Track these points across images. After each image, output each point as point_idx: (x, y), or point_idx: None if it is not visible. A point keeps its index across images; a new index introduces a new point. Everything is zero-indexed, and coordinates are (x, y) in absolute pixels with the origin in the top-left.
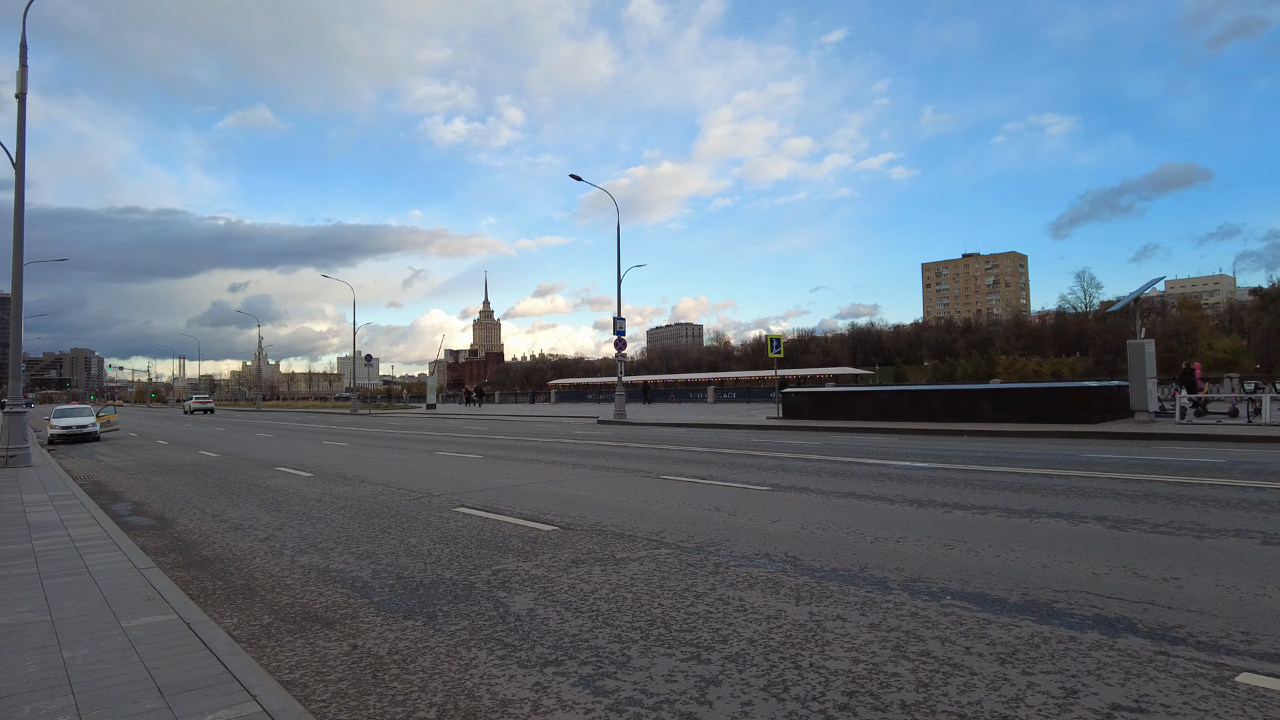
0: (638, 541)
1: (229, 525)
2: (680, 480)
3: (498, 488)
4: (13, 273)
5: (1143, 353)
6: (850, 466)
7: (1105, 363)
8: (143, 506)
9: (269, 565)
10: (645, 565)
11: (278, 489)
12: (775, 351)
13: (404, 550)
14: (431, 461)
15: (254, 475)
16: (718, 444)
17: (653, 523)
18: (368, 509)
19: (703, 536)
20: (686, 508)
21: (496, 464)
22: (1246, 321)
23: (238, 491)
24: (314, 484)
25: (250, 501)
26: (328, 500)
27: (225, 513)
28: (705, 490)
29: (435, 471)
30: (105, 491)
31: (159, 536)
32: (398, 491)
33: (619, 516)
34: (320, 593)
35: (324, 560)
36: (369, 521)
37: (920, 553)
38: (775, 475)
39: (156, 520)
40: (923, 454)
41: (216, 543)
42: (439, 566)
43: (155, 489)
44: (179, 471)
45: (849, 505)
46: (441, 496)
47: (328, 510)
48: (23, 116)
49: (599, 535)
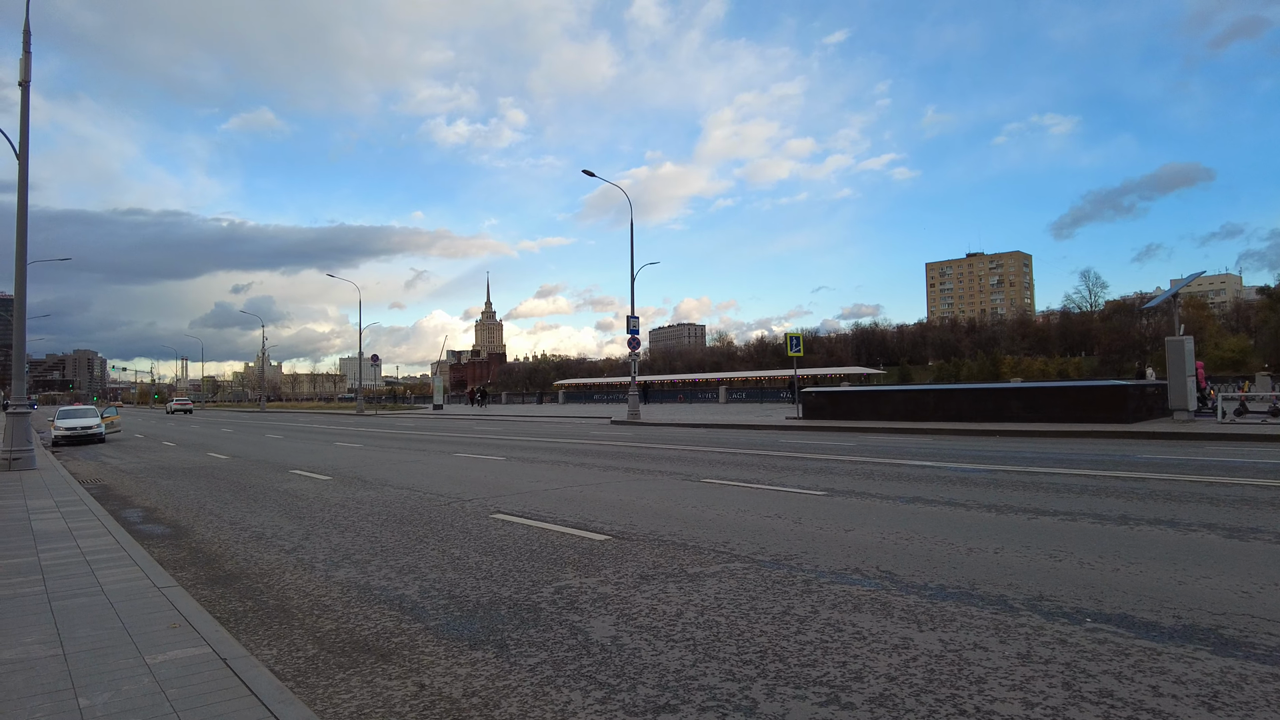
0: (705, 554)
1: (250, 534)
2: (725, 484)
3: (531, 492)
4: (16, 267)
5: (1182, 350)
6: (900, 469)
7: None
8: (155, 513)
9: (302, 581)
10: (725, 582)
11: (296, 493)
12: (795, 350)
13: (449, 564)
14: (453, 464)
15: (269, 478)
16: (745, 445)
17: (714, 532)
18: (398, 516)
19: (776, 548)
20: (744, 514)
21: (522, 466)
22: (1253, 321)
23: (254, 496)
24: (334, 488)
25: (269, 507)
26: (352, 506)
27: (244, 520)
28: (757, 495)
29: (460, 474)
30: (113, 496)
31: (175, 547)
32: (425, 496)
33: (674, 524)
34: (366, 616)
35: (362, 575)
36: (402, 530)
37: (1026, 565)
38: (825, 479)
39: (171, 529)
40: (969, 455)
41: (239, 555)
42: (493, 583)
43: (166, 493)
44: (189, 474)
45: (921, 512)
46: (474, 502)
47: (355, 517)
48: (26, 105)
49: (659, 546)
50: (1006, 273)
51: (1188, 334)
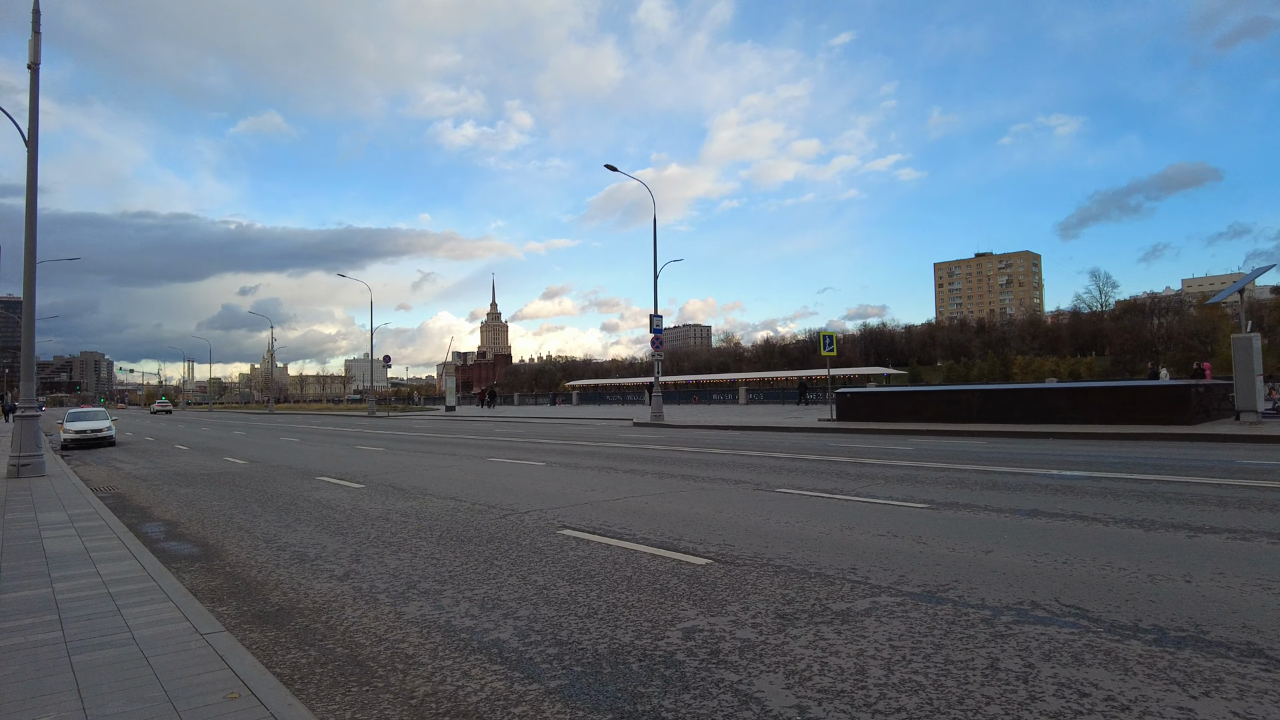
0: (836, 583)
1: (291, 555)
2: (806, 495)
3: (590, 503)
4: (25, 262)
5: (1249, 348)
6: (992, 477)
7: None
8: (178, 528)
9: (369, 620)
10: (888, 623)
11: (330, 504)
12: (829, 350)
13: (536, 595)
14: (490, 470)
15: (295, 487)
16: (793, 449)
17: (830, 554)
18: (454, 532)
19: (919, 576)
20: (851, 533)
21: (567, 473)
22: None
23: (284, 508)
24: (370, 497)
25: (304, 521)
26: (396, 519)
27: (279, 536)
28: (849, 509)
29: (502, 482)
30: (130, 507)
31: (208, 572)
32: (475, 508)
33: (778, 545)
34: (465, 672)
35: (438, 611)
36: (464, 549)
37: (1241, 600)
38: (914, 488)
39: (199, 547)
40: (1051, 460)
41: (284, 582)
42: (600, 622)
43: (187, 504)
44: (208, 482)
45: (1054, 528)
46: (532, 514)
47: (404, 533)
48: (35, 89)
49: (776, 573)
50: (1015, 272)
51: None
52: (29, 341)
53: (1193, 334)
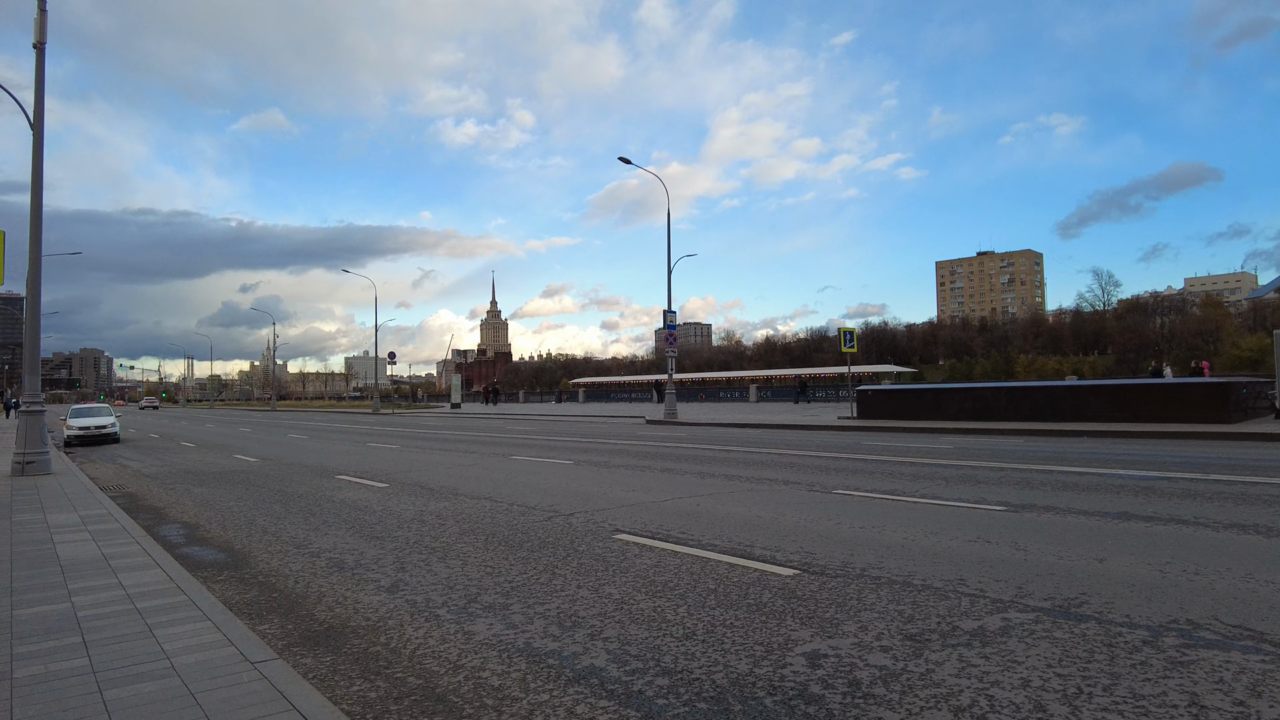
0: (948, 596)
1: (327, 562)
2: (868, 497)
3: (638, 504)
4: (30, 250)
5: None
6: (1055, 476)
7: (1127, 361)
8: (198, 531)
9: (434, 641)
10: (1038, 647)
11: (357, 505)
12: (849, 346)
13: (617, 610)
14: (517, 469)
15: (316, 486)
16: (826, 447)
17: (925, 563)
18: (501, 536)
19: (1039, 588)
20: (936, 538)
21: (599, 472)
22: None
23: (309, 509)
24: (398, 498)
25: (333, 523)
26: (433, 522)
27: (310, 541)
28: (921, 511)
29: (535, 481)
30: (144, 507)
31: (240, 583)
32: (515, 509)
33: (863, 552)
34: (568, 708)
35: (511, 630)
36: (518, 556)
37: None
38: (982, 489)
39: (225, 553)
40: (1108, 459)
41: (327, 594)
42: (704, 645)
43: (204, 504)
44: (222, 480)
45: (1162, 535)
46: (578, 517)
47: (446, 537)
48: (41, 69)
49: (875, 585)
50: (1018, 271)
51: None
52: (33, 334)
53: (1196, 333)
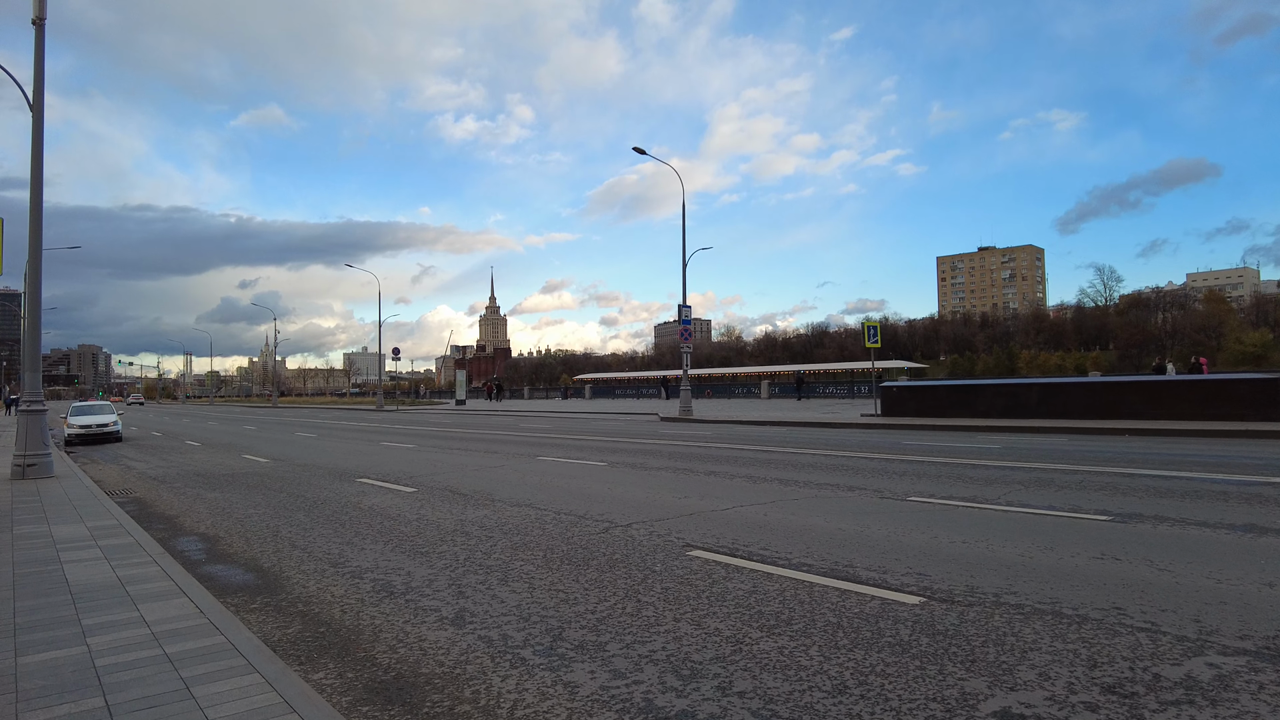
0: (1118, 631)
1: (373, 584)
2: (945, 504)
3: (696, 513)
4: (30, 241)
5: None
6: (1139, 481)
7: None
8: (219, 545)
9: (532, 697)
10: None
11: (388, 513)
12: (873, 341)
13: (735, 653)
14: (548, 471)
15: (338, 491)
16: (868, 447)
17: (1063, 586)
18: (559, 551)
19: (1220, 621)
20: (1053, 554)
21: (639, 475)
22: (1274, 315)
23: (336, 518)
24: (430, 505)
25: (367, 536)
26: (477, 534)
27: (346, 557)
28: (1015, 522)
29: (573, 486)
30: (156, 516)
31: (279, 612)
32: (564, 519)
33: (984, 574)
34: None
35: (618, 680)
36: (588, 578)
37: None
38: (1068, 496)
39: (252, 572)
40: (1181, 460)
41: (383, 628)
42: (866, 703)
43: (220, 512)
44: (235, 484)
45: None
46: (638, 528)
47: (498, 553)
48: (41, 46)
49: (1022, 616)
50: (1019, 267)
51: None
52: (34, 330)
53: (1199, 328)
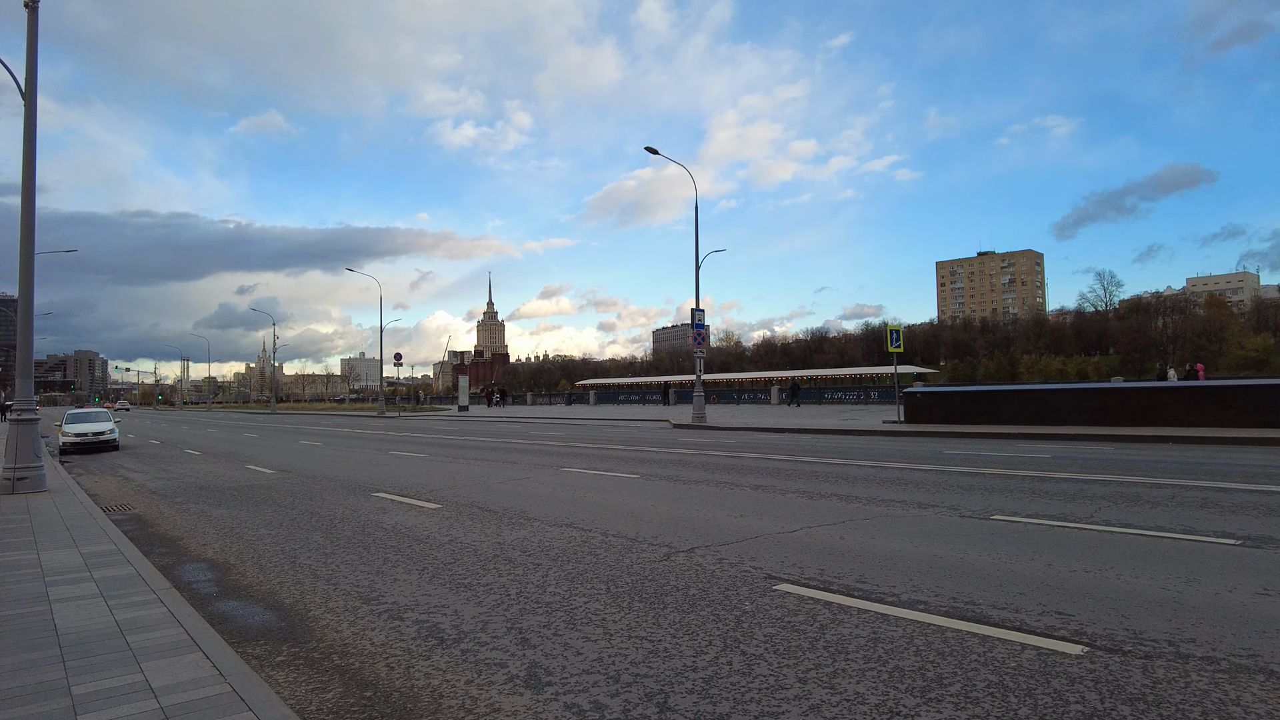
0: None
1: (416, 627)
2: (1035, 524)
3: (763, 536)
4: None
5: None
6: (1235, 497)
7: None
8: (231, 573)
9: None
10: None
11: (415, 534)
12: (895, 345)
13: None
14: (579, 485)
15: (354, 507)
16: (909, 457)
17: (1248, 633)
18: (623, 584)
19: None
20: (1198, 588)
21: (679, 489)
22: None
23: (359, 540)
24: (460, 524)
25: (397, 562)
26: (521, 560)
27: (380, 591)
28: (1132, 546)
29: (610, 501)
30: (157, 537)
31: (311, 667)
32: (614, 542)
33: (1136, 612)
34: None
35: None
36: (669, 619)
37: None
38: (1170, 514)
39: (274, 611)
40: (1257, 473)
41: (443, 691)
42: None
43: (228, 533)
44: (242, 498)
45: None
46: (703, 554)
47: (551, 584)
48: (34, 30)
49: (1225, 672)
50: (1018, 271)
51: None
52: (26, 334)
53: (1201, 333)
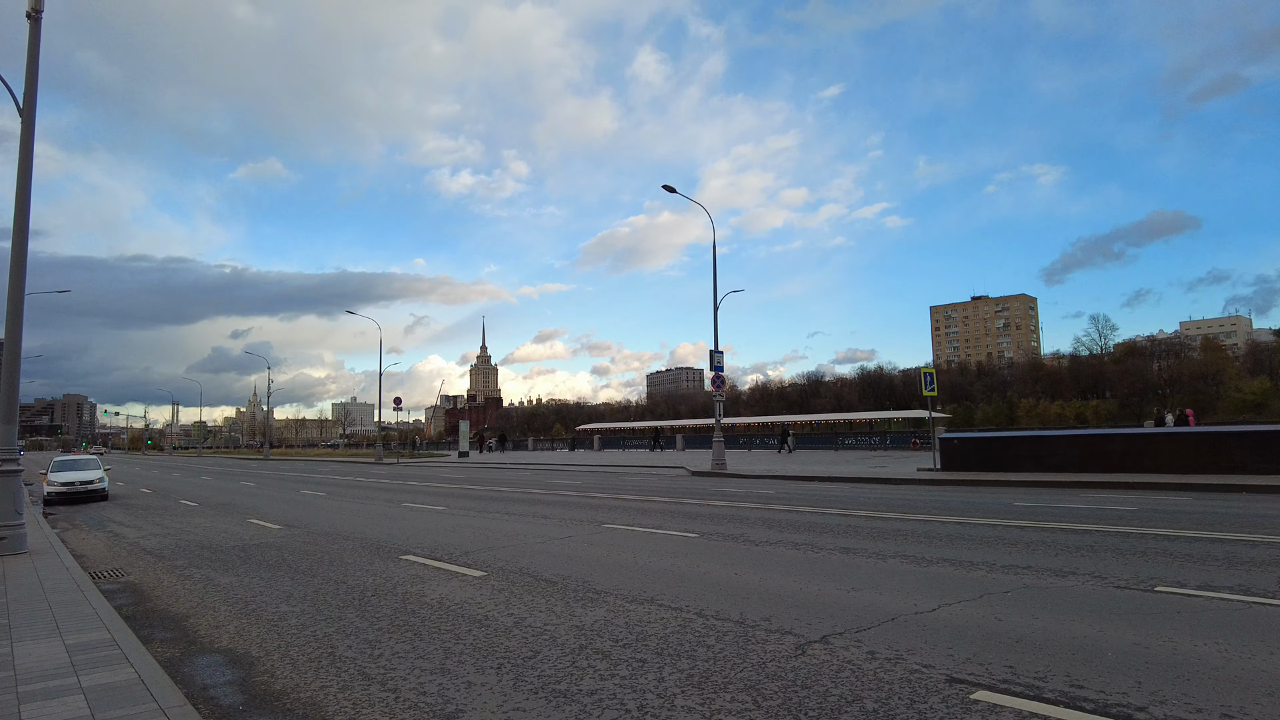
0: None
1: None
2: (1218, 599)
3: (900, 617)
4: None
5: None
6: None
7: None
8: (256, 671)
9: None
10: None
11: (470, 613)
12: (930, 389)
13: None
14: (633, 545)
15: (383, 573)
16: (976, 510)
17: None
18: (771, 695)
19: None
20: None
21: (756, 552)
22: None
23: (403, 621)
24: (519, 600)
25: (466, 658)
26: (619, 655)
27: (457, 703)
28: None
29: (684, 568)
30: (159, 615)
31: None
32: (718, 627)
33: None
34: None
35: None
36: None
37: None
38: None
39: None
40: None
41: None
42: None
43: (244, 609)
44: (251, 562)
45: None
46: (843, 643)
47: (684, 698)
48: (35, 44)
49: None
50: (1013, 316)
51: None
52: (12, 374)
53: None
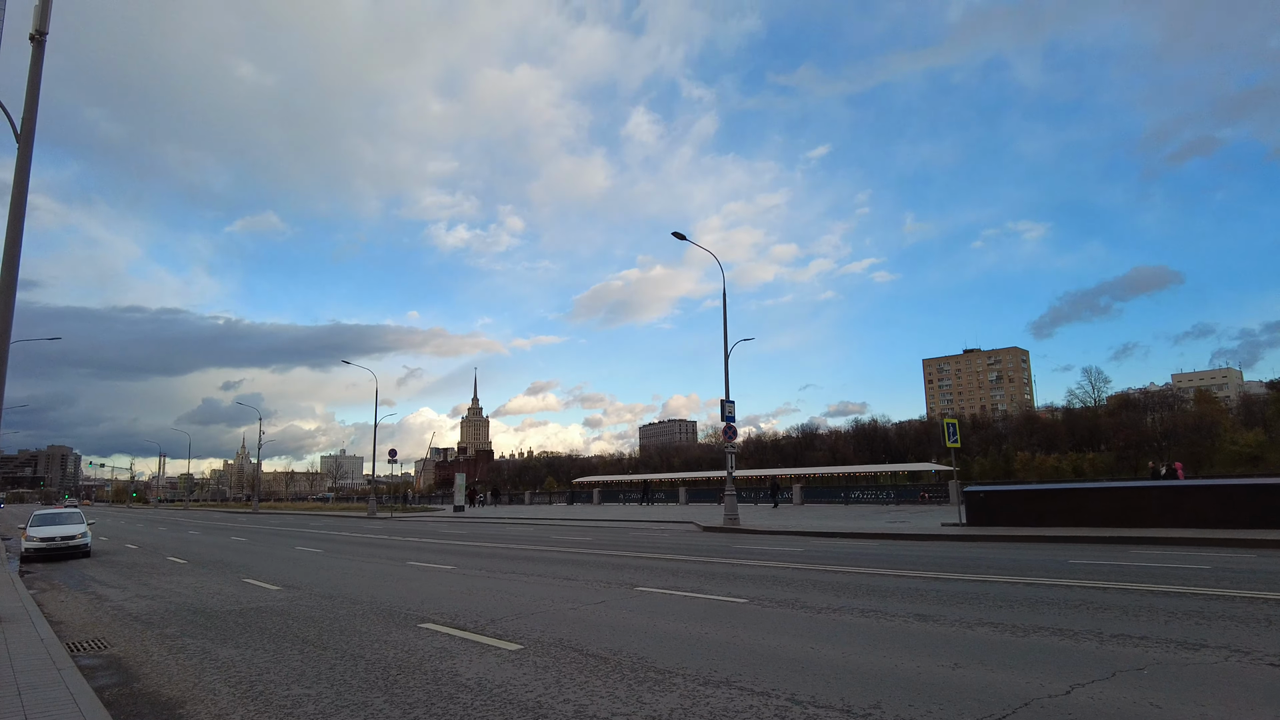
0: None
1: None
2: None
3: (1033, 702)
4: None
5: None
6: None
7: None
8: None
9: None
10: None
11: (519, 700)
12: (953, 441)
13: None
14: (677, 612)
15: (404, 645)
16: (1017, 569)
17: None
18: None
19: None
20: None
21: (818, 621)
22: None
23: (440, 709)
24: (571, 680)
25: None
26: None
27: None
28: None
29: (745, 641)
30: (148, 701)
31: None
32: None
33: None
34: None
35: None
36: None
37: None
38: None
39: None
40: None
41: None
42: None
43: (248, 691)
44: (252, 631)
45: None
46: None
47: None
48: (39, 65)
49: None
50: (1005, 368)
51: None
52: None
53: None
